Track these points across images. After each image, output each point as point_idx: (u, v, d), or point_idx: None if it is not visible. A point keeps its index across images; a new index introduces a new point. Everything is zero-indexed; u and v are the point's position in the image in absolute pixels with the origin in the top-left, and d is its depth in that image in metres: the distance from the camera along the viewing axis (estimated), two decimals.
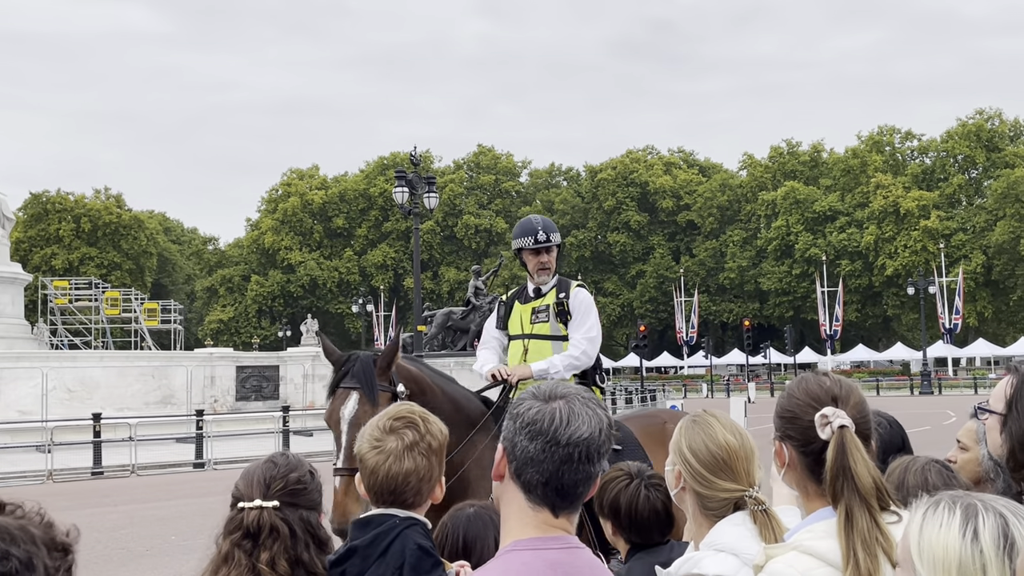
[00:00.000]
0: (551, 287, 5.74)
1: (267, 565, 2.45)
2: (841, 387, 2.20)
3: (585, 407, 1.80)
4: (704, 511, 2.40)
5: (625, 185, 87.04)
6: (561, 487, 1.77)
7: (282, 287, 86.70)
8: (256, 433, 25.62)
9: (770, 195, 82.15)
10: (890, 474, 2.75)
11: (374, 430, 2.62)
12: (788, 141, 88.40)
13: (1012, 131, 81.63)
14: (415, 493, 2.55)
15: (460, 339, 39.53)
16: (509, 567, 1.75)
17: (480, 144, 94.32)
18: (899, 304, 75.42)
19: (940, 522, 1.47)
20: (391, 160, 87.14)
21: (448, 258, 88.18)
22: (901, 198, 76.25)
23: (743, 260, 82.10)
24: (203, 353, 39.07)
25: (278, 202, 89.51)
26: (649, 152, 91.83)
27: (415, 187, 28.41)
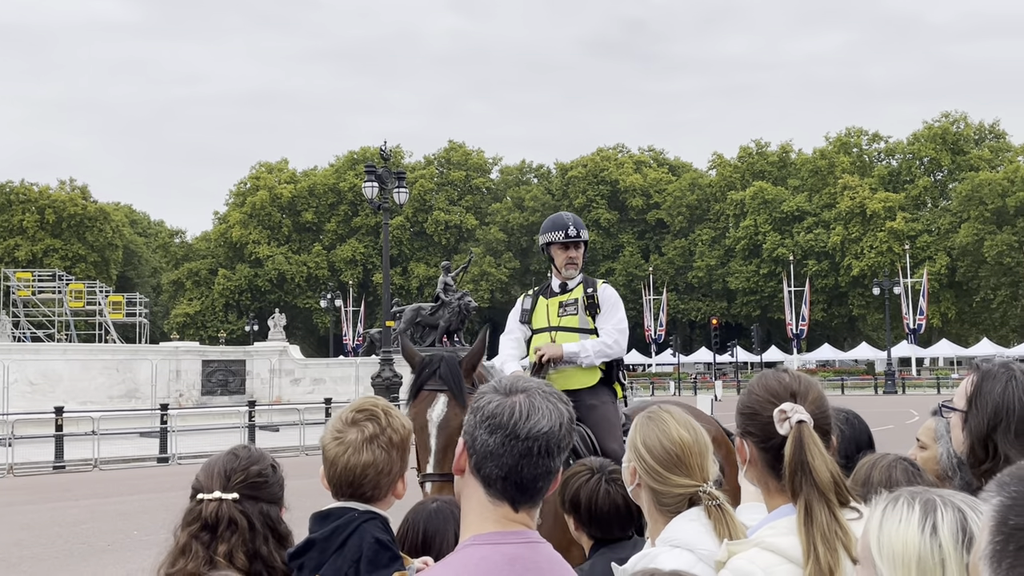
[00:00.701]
0: (577, 283, 5.82)
1: (224, 558, 2.43)
2: (800, 383, 2.21)
3: (546, 401, 1.78)
4: (659, 507, 2.40)
5: (595, 183, 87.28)
6: (520, 481, 1.75)
7: (250, 281, 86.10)
8: (222, 428, 25.44)
9: (739, 195, 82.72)
10: (857, 471, 2.76)
11: (337, 421, 2.61)
12: (757, 141, 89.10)
13: (977, 134, 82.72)
14: (373, 486, 2.52)
15: (429, 335, 39.48)
16: (467, 561, 1.73)
17: (451, 140, 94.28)
18: (864, 304, 76.21)
19: (899, 517, 1.47)
20: (361, 155, 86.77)
21: (418, 254, 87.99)
22: (868, 199, 77.05)
23: (711, 259, 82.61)
24: (169, 347, 38.74)
25: (246, 195, 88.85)
26: (620, 150, 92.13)
27: (385, 182, 28.29)
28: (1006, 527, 0.85)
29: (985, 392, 2.45)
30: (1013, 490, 0.87)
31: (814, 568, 1.97)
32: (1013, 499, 0.87)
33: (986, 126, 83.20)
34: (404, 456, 2.60)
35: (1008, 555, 0.84)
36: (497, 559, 1.72)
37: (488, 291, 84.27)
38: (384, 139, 30.78)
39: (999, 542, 0.85)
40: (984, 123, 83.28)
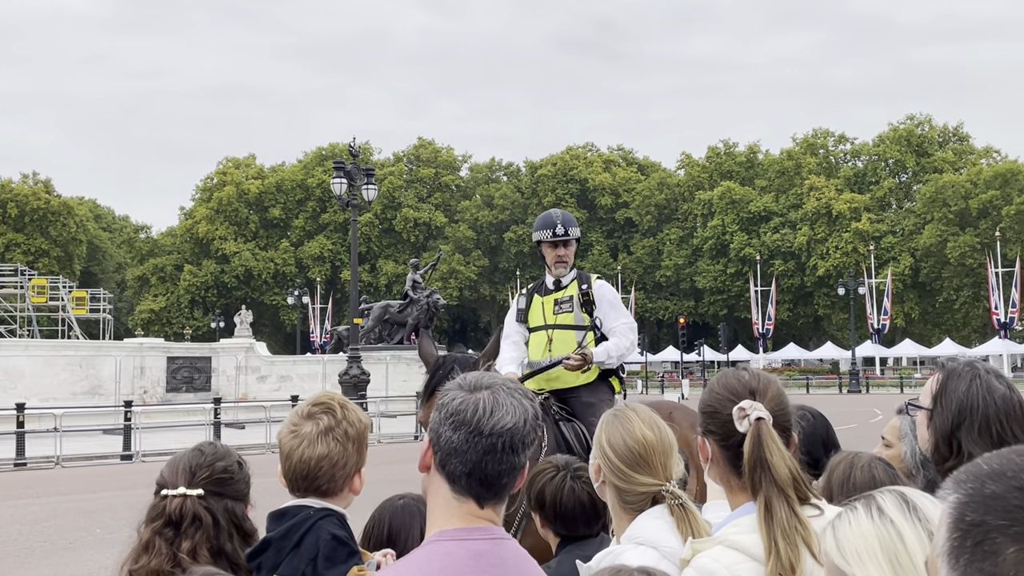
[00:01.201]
0: (571, 279, 5.91)
1: (188, 554, 2.41)
2: (759, 381, 2.22)
3: (510, 397, 1.79)
4: (623, 505, 2.42)
5: (565, 181, 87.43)
6: (485, 478, 1.76)
7: (216, 277, 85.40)
8: (187, 425, 25.20)
9: (707, 195, 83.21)
10: (833, 470, 2.78)
11: (293, 416, 2.61)
12: (725, 142, 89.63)
13: (941, 137, 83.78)
14: (328, 479, 2.52)
15: (397, 332, 39.39)
16: (432, 557, 1.74)
17: (420, 137, 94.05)
18: (830, 304, 76.96)
19: (848, 520, 1.51)
20: (330, 151, 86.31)
21: (386, 251, 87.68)
22: (834, 200, 77.79)
23: (679, 258, 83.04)
24: (133, 343, 38.35)
25: (213, 191, 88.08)
26: (589, 149, 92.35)
27: (354, 178, 28.18)
28: (963, 523, 0.86)
29: (950, 391, 2.48)
30: (969, 487, 0.89)
31: (775, 564, 1.98)
32: (969, 496, 0.88)
33: (950, 129, 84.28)
34: (360, 450, 2.59)
35: (965, 551, 0.85)
36: (462, 555, 1.73)
37: (457, 289, 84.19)
38: (353, 135, 30.66)
39: (956, 538, 0.86)
40: (948, 126, 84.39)
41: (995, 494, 0.86)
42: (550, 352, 5.70)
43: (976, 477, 0.89)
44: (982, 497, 0.87)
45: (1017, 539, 0.82)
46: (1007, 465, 0.88)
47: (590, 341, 5.72)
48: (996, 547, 0.83)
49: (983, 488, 0.87)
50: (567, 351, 5.65)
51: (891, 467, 2.75)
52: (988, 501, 0.86)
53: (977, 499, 0.87)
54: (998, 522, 0.84)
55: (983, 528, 0.85)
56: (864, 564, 1.46)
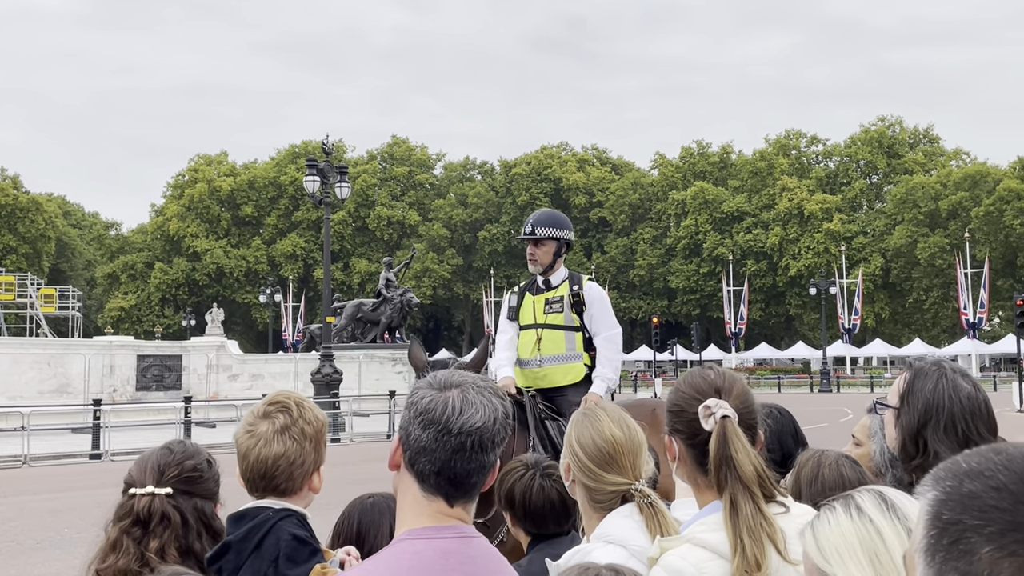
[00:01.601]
0: (563, 279, 5.92)
1: (156, 553, 2.39)
2: (724, 379, 2.24)
3: (480, 396, 1.79)
4: (593, 503, 2.43)
5: (539, 181, 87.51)
6: (454, 476, 1.76)
7: (187, 275, 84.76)
8: (157, 424, 25.00)
9: (680, 195, 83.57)
10: (801, 468, 2.79)
11: (249, 415, 2.60)
12: (699, 142, 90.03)
13: (912, 139, 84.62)
14: (286, 478, 2.50)
15: (370, 331, 39.28)
16: (401, 556, 1.73)
17: (394, 135, 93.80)
18: (801, 304, 77.52)
19: (828, 520, 1.53)
20: (303, 148, 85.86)
21: (360, 249, 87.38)
22: (805, 201, 78.36)
23: (653, 258, 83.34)
24: (102, 341, 37.95)
25: (184, 188, 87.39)
26: (563, 148, 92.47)
27: (327, 176, 28.05)
28: (940, 521, 0.87)
29: (917, 389, 2.51)
30: (948, 485, 0.89)
31: (741, 561, 2.00)
32: (947, 494, 0.88)
33: (920, 131, 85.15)
34: (318, 448, 2.58)
35: (941, 548, 0.86)
36: (431, 554, 1.73)
37: (431, 287, 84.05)
38: (326, 133, 30.50)
39: (933, 536, 0.87)
40: (919, 128, 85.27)
41: (972, 493, 0.86)
42: (539, 351, 5.78)
43: (955, 475, 0.89)
44: (959, 496, 0.87)
45: (992, 539, 0.83)
46: (985, 464, 0.89)
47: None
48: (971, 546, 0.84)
49: (961, 486, 0.88)
50: (556, 351, 5.76)
51: (857, 464, 2.78)
52: (965, 500, 0.86)
53: (955, 497, 0.87)
54: (974, 521, 0.84)
55: (959, 527, 0.85)
56: (845, 563, 1.47)
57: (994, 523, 0.84)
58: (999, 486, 0.85)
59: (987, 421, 2.49)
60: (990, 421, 2.50)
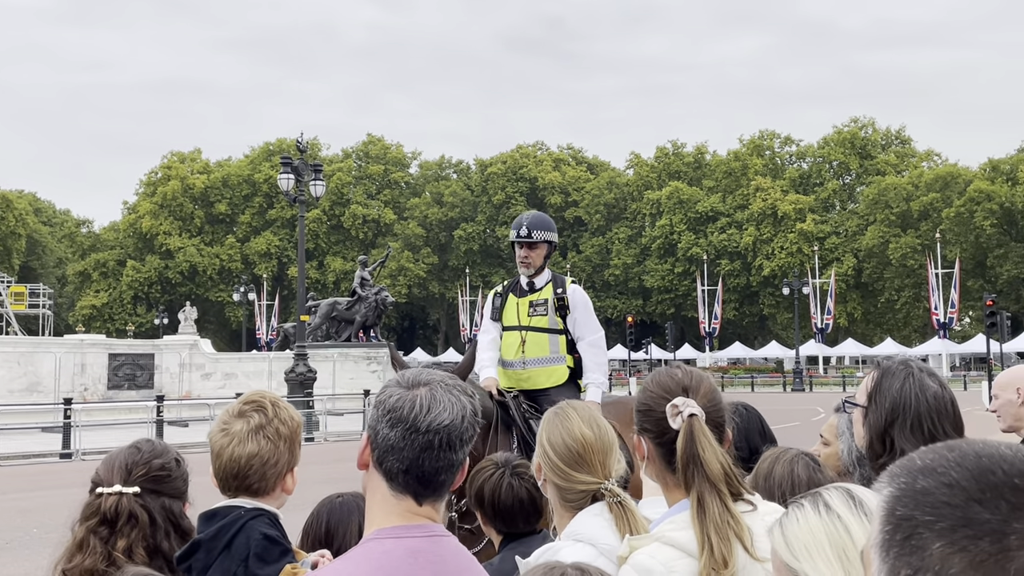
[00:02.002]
0: (546, 282, 5.96)
1: (123, 553, 2.38)
2: (692, 378, 2.25)
3: (448, 394, 1.79)
4: (563, 502, 2.44)
5: (515, 180, 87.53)
6: (422, 475, 1.76)
7: (160, 273, 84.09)
8: (129, 423, 24.80)
9: (655, 194, 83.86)
10: (760, 465, 2.82)
11: (224, 414, 2.59)
12: (673, 142, 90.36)
13: (884, 140, 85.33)
14: (259, 478, 2.49)
15: (345, 329, 39.14)
16: (370, 555, 1.73)
17: (370, 133, 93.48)
18: (775, 304, 78.00)
19: (796, 517, 1.54)
20: (277, 146, 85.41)
21: (335, 248, 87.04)
22: (779, 201, 78.85)
23: (628, 257, 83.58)
24: (73, 339, 37.61)
25: (157, 185, 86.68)
26: (539, 148, 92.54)
27: (301, 174, 27.92)
28: (894, 517, 0.88)
29: (884, 388, 2.53)
30: (902, 481, 0.90)
31: (708, 559, 2.01)
32: (901, 490, 0.90)
33: (892, 132, 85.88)
34: (293, 449, 2.56)
35: (895, 544, 0.87)
36: (400, 553, 1.72)
37: (406, 286, 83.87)
38: (301, 131, 30.35)
39: (887, 531, 0.88)
40: (891, 129, 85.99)
41: (925, 489, 0.88)
42: (523, 353, 5.82)
43: (909, 472, 0.91)
44: (912, 492, 0.88)
45: (943, 535, 0.84)
46: (938, 461, 0.90)
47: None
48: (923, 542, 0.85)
49: (914, 483, 0.89)
50: (540, 353, 5.82)
51: (816, 463, 2.80)
52: (918, 496, 0.88)
53: (908, 494, 0.89)
54: (926, 518, 0.86)
55: (912, 523, 0.86)
56: (813, 559, 1.48)
57: (945, 519, 0.85)
58: (951, 483, 0.86)
59: (953, 420, 2.52)
60: (956, 420, 2.53)
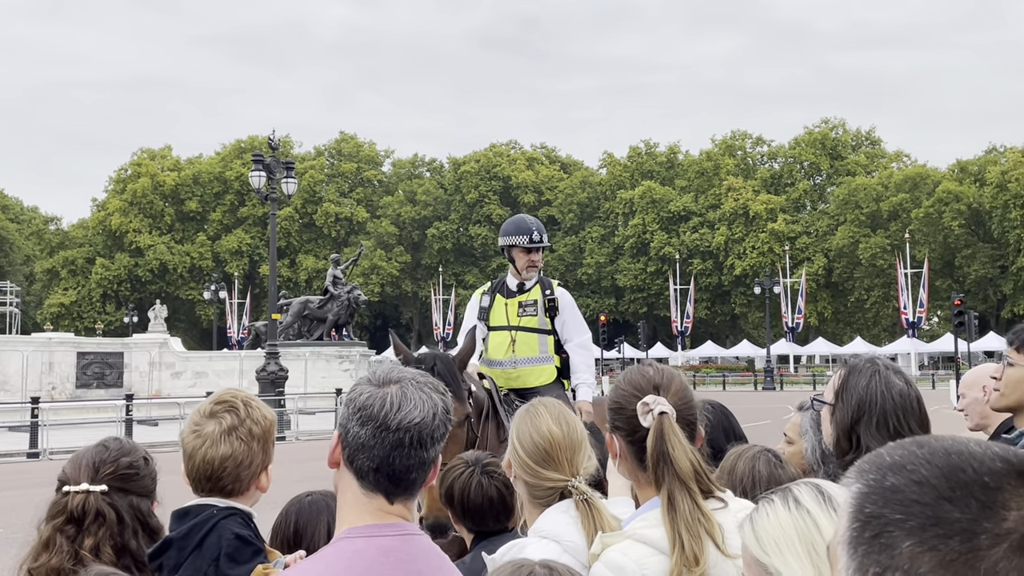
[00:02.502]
0: (534, 283, 6.10)
1: (91, 552, 2.36)
2: (662, 376, 2.26)
3: (419, 391, 1.78)
4: (532, 499, 2.45)
5: (488, 179, 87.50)
6: (393, 473, 1.76)
7: (129, 271, 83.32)
8: (97, 422, 24.54)
9: (628, 194, 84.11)
10: (724, 461, 2.83)
11: (195, 415, 2.56)
12: (646, 142, 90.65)
13: (854, 140, 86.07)
14: (233, 479, 2.48)
15: (317, 328, 38.96)
16: (341, 555, 1.72)
17: (342, 131, 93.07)
18: (746, 303, 78.49)
19: (766, 512, 1.55)
20: (248, 144, 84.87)
21: (307, 246, 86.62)
22: (751, 201, 79.34)
23: (601, 256, 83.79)
24: (41, 338, 37.21)
25: (127, 182, 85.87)
26: (512, 147, 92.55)
27: (273, 172, 27.75)
28: (862, 515, 0.87)
29: (851, 386, 2.56)
30: (871, 478, 0.89)
31: (679, 556, 2.01)
32: (870, 487, 0.89)
33: (863, 133, 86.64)
34: (266, 448, 2.55)
35: (863, 542, 0.86)
36: (371, 552, 1.72)
37: (379, 285, 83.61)
38: (272, 128, 30.16)
39: (856, 528, 0.87)
40: (861, 130, 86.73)
41: (894, 487, 0.87)
42: (513, 352, 5.90)
43: (878, 468, 0.90)
44: (882, 489, 0.88)
45: (912, 533, 0.83)
46: (907, 458, 0.89)
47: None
48: (892, 540, 0.84)
49: (883, 480, 0.88)
50: (530, 352, 5.92)
51: (779, 460, 2.82)
52: (887, 494, 0.87)
53: (877, 491, 0.88)
54: (895, 516, 0.85)
55: (881, 521, 0.86)
56: (783, 554, 1.49)
57: (915, 517, 0.84)
58: (921, 480, 0.86)
59: (919, 417, 2.55)
60: (922, 417, 2.56)
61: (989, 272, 72.52)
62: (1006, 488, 0.83)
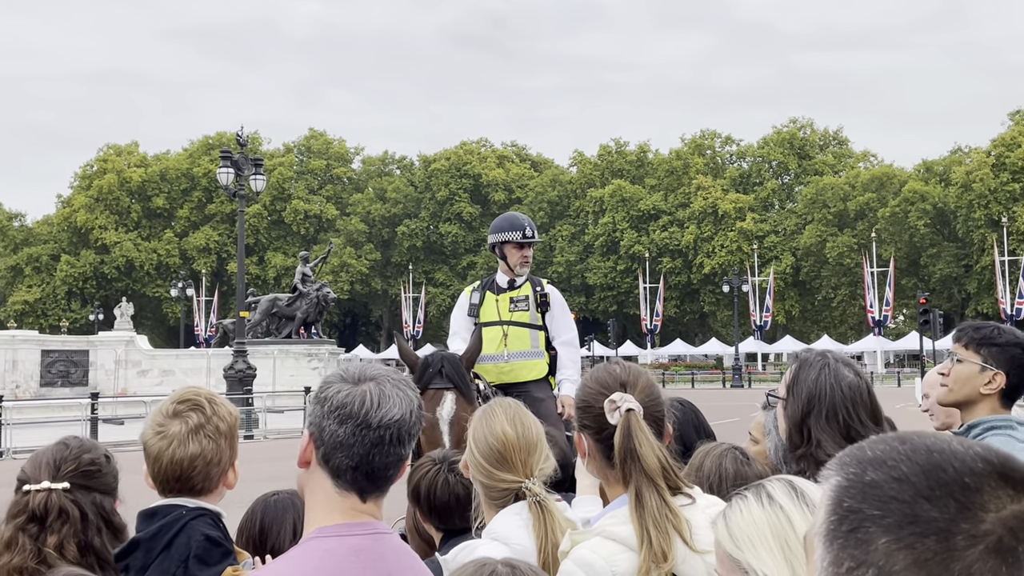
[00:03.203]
0: (524, 280, 6.16)
1: (55, 550, 2.33)
2: (629, 373, 2.26)
3: (396, 389, 1.78)
4: (489, 500, 2.46)
5: (458, 176, 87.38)
6: (371, 471, 1.75)
7: (95, 268, 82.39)
8: (62, 421, 24.24)
9: (598, 192, 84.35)
10: (692, 459, 2.84)
11: (157, 415, 2.52)
12: (616, 141, 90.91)
13: (822, 140, 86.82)
14: (203, 478, 2.46)
15: (286, 326, 38.74)
16: (310, 554, 1.71)
17: (312, 128, 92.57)
18: (715, 301, 78.97)
19: (740, 508, 1.56)
20: (217, 140, 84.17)
21: (275, 243, 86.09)
22: (719, 200, 79.81)
23: (571, 255, 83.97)
24: (4, 335, 36.71)
25: (93, 179, 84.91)
26: (483, 144, 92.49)
27: (241, 168, 27.55)
28: (841, 508, 0.87)
29: (801, 379, 2.57)
30: (851, 472, 0.88)
31: (648, 552, 2.02)
32: (849, 481, 0.88)
33: (830, 133, 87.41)
34: (232, 444, 2.53)
35: (840, 535, 0.86)
36: (342, 551, 1.71)
37: (348, 282, 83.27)
38: (241, 124, 29.95)
39: (833, 522, 0.87)
40: (829, 130, 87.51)
41: (874, 482, 0.86)
42: (505, 347, 5.96)
43: (859, 462, 0.89)
44: (861, 484, 0.87)
45: (890, 530, 0.83)
46: (889, 454, 0.88)
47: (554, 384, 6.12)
48: (869, 536, 0.84)
49: (864, 475, 0.87)
50: (522, 347, 5.99)
51: (745, 457, 2.83)
52: (866, 489, 0.86)
53: (856, 485, 0.87)
54: (873, 512, 0.84)
55: (859, 516, 0.85)
56: (756, 549, 1.49)
57: (893, 514, 0.84)
58: (901, 477, 0.85)
59: (869, 409, 2.56)
60: (873, 409, 2.57)
61: (954, 271, 73.44)
62: (985, 489, 0.83)
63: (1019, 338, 3.11)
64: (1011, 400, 3.13)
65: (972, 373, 3.10)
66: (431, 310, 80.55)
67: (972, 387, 3.09)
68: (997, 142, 72.57)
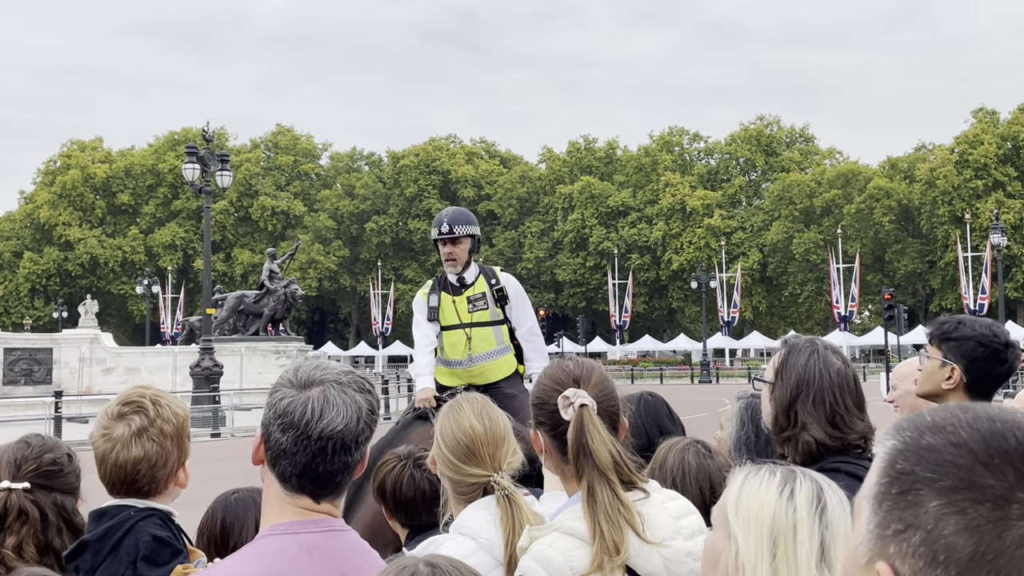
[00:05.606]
0: (476, 275, 5.95)
1: (13, 550, 2.31)
2: (582, 369, 2.26)
3: (341, 394, 1.74)
4: (457, 495, 2.46)
5: (427, 173, 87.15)
6: (316, 478, 1.73)
7: (59, 265, 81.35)
8: (25, 419, 23.91)
9: (567, 189, 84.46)
10: (657, 453, 2.87)
11: (103, 417, 2.49)
12: (585, 137, 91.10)
13: (788, 137, 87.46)
14: (149, 481, 2.43)
15: (253, 323, 38.49)
16: (263, 552, 1.70)
17: (279, 124, 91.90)
18: (683, 297, 79.35)
19: (760, 481, 1.54)
20: (182, 136, 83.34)
21: (242, 240, 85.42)
22: (688, 196, 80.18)
23: (540, 251, 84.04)
24: None
25: (56, 174, 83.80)
26: (452, 141, 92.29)
27: (207, 164, 27.30)
28: (893, 470, 0.86)
29: (790, 364, 2.61)
30: (907, 435, 0.87)
31: (600, 546, 2.03)
32: (905, 444, 0.87)
33: (797, 130, 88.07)
34: (181, 444, 2.49)
35: (889, 498, 0.85)
36: (295, 549, 1.70)
37: (316, 279, 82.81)
38: (207, 120, 29.68)
39: (884, 484, 0.86)
40: (795, 127, 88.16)
41: (931, 446, 0.85)
42: (470, 350, 5.83)
43: (917, 427, 0.88)
44: (917, 447, 0.86)
45: (942, 493, 0.82)
46: (949, 420, 0.87)
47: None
48: (920, 499, 0.83)
49: (921, 438, 0.86)
50: (486, 347, 5.85)
51: (708, 451, 2.86)
52: (922, 452, 0.85)
53: (912, 448, 0.86)
54: (926, 474, 0.83)
55: (911, 478, 0.84)
56: (748, 529, 1.50)
57: (947, 478, 0.82)
58: (959, 442, 0.84)
59: (854, 396, 2.61)
60: (858, 396, 2.62)
61: (918, 267, 74.28)
62: None
63: (977, 331, 3.15)
64: (983, 394, 3.14)
65: (934, 368, 3.16)
66: (400, 307, 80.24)
67: (934, 382, 3.15)
68: (960, 139, 73.44)
